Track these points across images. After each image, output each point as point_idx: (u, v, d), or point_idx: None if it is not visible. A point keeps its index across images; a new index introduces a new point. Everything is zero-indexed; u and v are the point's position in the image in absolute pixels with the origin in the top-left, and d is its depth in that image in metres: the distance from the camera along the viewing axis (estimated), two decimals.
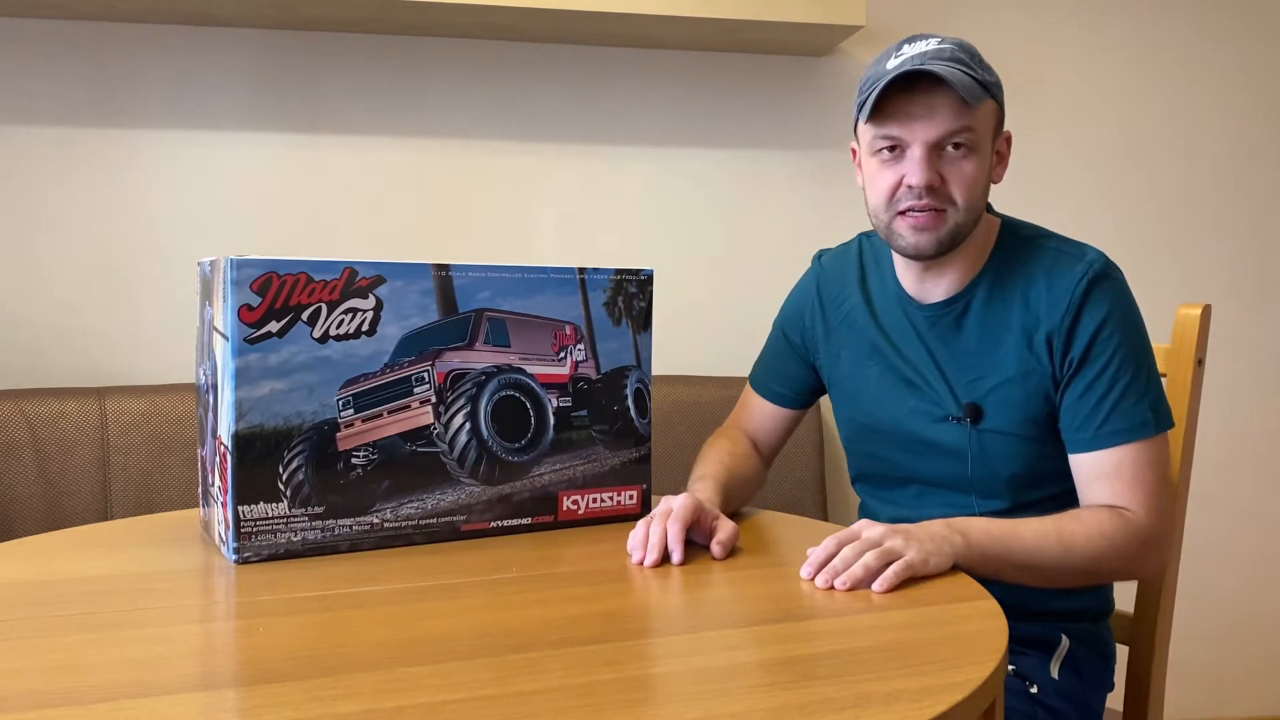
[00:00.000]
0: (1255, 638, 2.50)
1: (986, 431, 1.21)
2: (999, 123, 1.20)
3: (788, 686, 0.74)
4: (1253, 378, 2.47)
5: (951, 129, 1.13)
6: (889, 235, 1.20)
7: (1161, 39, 2.39)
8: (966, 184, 1.15)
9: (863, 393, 1.31)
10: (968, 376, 1.22)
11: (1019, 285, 1.20)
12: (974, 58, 1.16)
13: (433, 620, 0.88)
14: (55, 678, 0.74)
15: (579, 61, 2.14)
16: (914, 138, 1.13)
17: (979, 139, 1.15)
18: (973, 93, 1.11)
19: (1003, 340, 1.20)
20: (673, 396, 2.03)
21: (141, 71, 1.98)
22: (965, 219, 1.16)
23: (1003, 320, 1.21)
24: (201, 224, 2.02)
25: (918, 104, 1.13)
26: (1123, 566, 1.15)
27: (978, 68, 1.15)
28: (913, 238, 1.16)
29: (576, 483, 1.21)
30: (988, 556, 1.07)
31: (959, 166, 1.14)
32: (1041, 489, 1.23)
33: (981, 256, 1.23)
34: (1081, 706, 1.24)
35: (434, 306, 1.11)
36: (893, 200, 1.17)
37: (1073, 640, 1.25)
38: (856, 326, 1.32)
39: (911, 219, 1.16)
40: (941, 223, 1.15)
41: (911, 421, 1.26)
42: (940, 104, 1.12)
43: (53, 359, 1.97)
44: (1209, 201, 2.43)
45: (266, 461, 1.04)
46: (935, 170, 1.14)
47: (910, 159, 1.14)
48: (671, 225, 2.19)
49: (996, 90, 1.17)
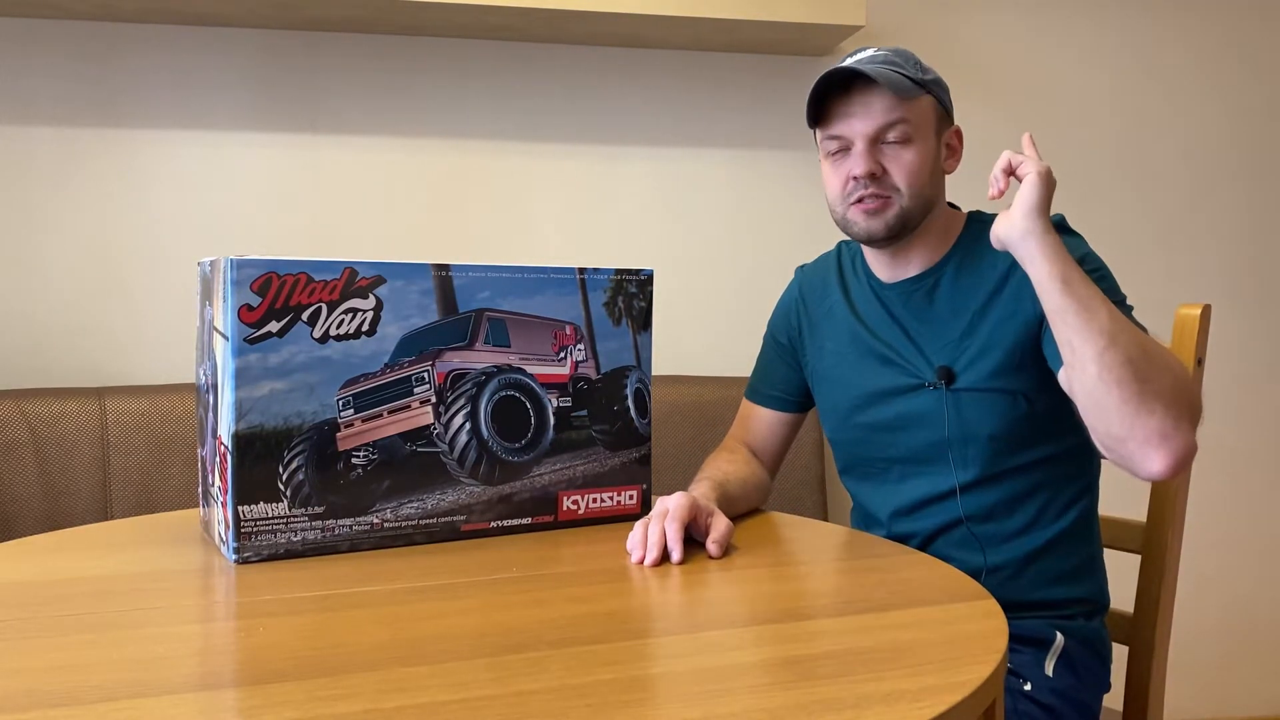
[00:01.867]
0: (1255, 638, 2.50)
1: (961, 391, 1.25)
2: (941, 118, 1.28)
3: (788, 686, 0.74)
4: (1253, 378, 2.47)
5: (886, 121, 1.23)
6: (845, 226, 1.29)
7: (1160, 38, 2.39)
8: (907, 171, 1.24)
9: (842, 377, 1.35)
10: (940, 341, 1.27)
11: (986, 254, 1.27)
12: (909, 61, 1.26)
13: (433, 620, 0.88)
14: (55, 678, 0.74)
15: (578, 61, 2.14)
16: (854, 133, 1.24)
17: (915, 130, 1.24)
18: (902, 88, 1.21)
19: (976, 299, 1.26)
20: (673, 396, 2.03)
21: (141, 71, 1.98)
22: (911, 204, 1.25)
23: (975, 284, 1.27)
24: (201, 224, 2.02)
25: (854, 103, 1.23)
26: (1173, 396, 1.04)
27: (911, 69, 1.25)
28: (864, 223, 1.26)
29: (576, 483, 1.21)
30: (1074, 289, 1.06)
31: (898, 155, 1.24)
32: (1022, 454, 1.25)
33: (948, 240, 1.31)
34: (1077, 705, 1.24)
35: (434, 306, 1.11)
36: (844, 193, 1.27)
37: (1068, 638, 1.25)
38: (836, 319, 1.38)
39: (861, 206, 1.25)
40: (888, 207, 1.24)
41: (888, 395, 1.30)
42: (874, 101, 1.22)
43: (53, 359, 1.97)
44: (1208, 201, 2.43)
45: (266, 461, 1.04)
46: (876, 160, 1.24)
47: (854, 154, 1.24)
48: (671, 225, 2.19)
49: (934, 87, 1.27)
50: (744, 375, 2.14)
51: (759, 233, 2.22)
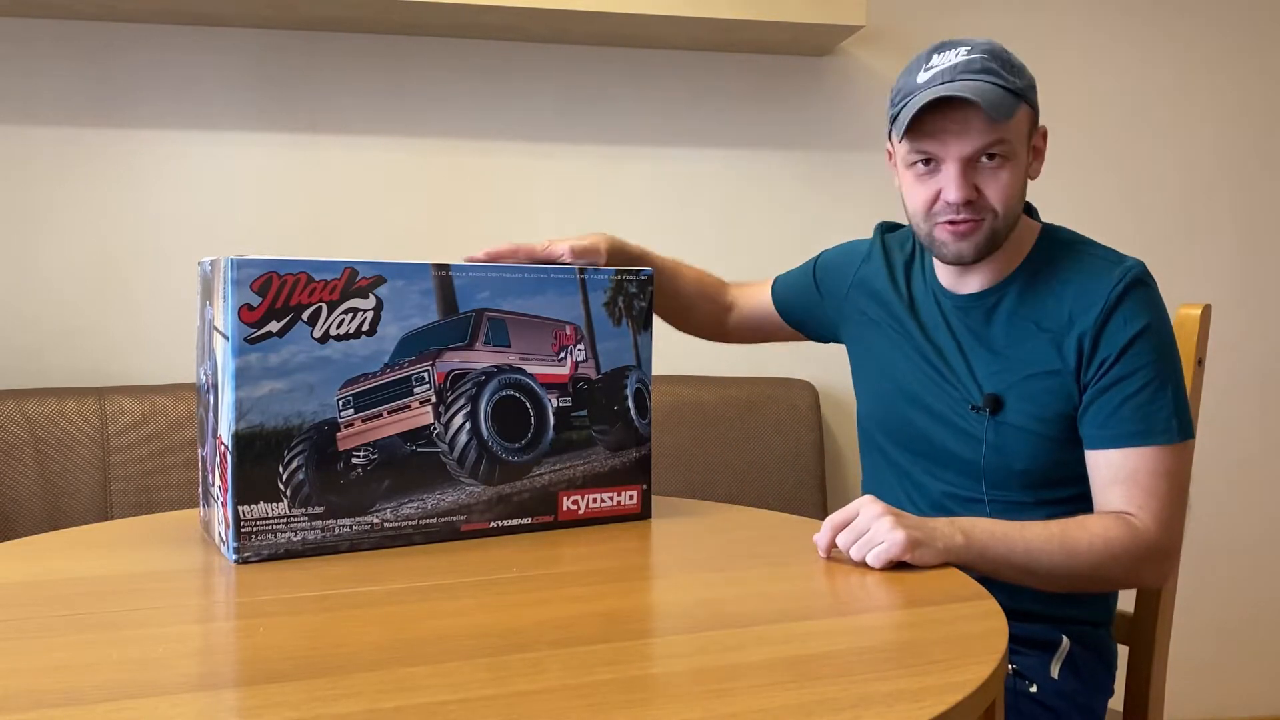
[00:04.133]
0: (1255, 638, 2.50)
1: (1004, 424, 1.21)
2: (1033, 124, 1.21)
3: (788, 686, 0.74)
4: (1253, 378, 2.47)
5: (985, 143, 1.14)
6: (930, 243, 1.22)
7: (1161, 39, 2.39)
8: (1003, 193, 1.17)
9: (892, 365, 1.33)
10: (992, 368, 1.23)
11: (1053, 286, 1.21)
12: (1005, 64, 1.16)
13: (432, 620, 0.88)
14: (55, 678, 0.74)
15: (578, 61, 2.14)
16: (948, 154, 1.15)
17: (1013, 148, 1.16)
18: (1003, 107, 1.12)
19: (1031, 336, 1.21)
20: (673, 396, 2.03)
21: (141, 71, 1.98)
22: (1003, 224, 1.19)
23: (1033, 317, 1.22)
24: (201, 224, 2.02)
25: (951, 120, 1.14)
26: (1124, 576, 1.15)
27: (1009, 74, 1.16)
28: (954, 245, 1.19)
29: (576, 483, 1.21)
30: (987, 556, 1.08)
31: (995, 177, 1.16)
32: (1053, 490, 1.23)
33: (1017, 256, 1.25)
34: (1082, 708, 1.24)
35: (434, 306, 1.11)
36: (930, 212, 1.19)
37: (1074, 642, 1.25)
38: (895, 307, 1.34)
39: (951, 229, 1.18)
40: (979, 229, 1.18)
41: (932, 404, 1.27)
42: (973, 118, 1.13)
43: (53, 359, 1.97)
44: (1208, 202, 2.43)
45: (266, 461, 1.04)
46: (971, 184, 1.16)
47: (946, 175, 1.16)
48: (671, 225, 2.19)
49: (1029, 93, 1.18)
50: (744, 375, 2.15)
51: (759, 233, 2.22)
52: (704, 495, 2.01)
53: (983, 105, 1.11)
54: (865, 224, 1.54)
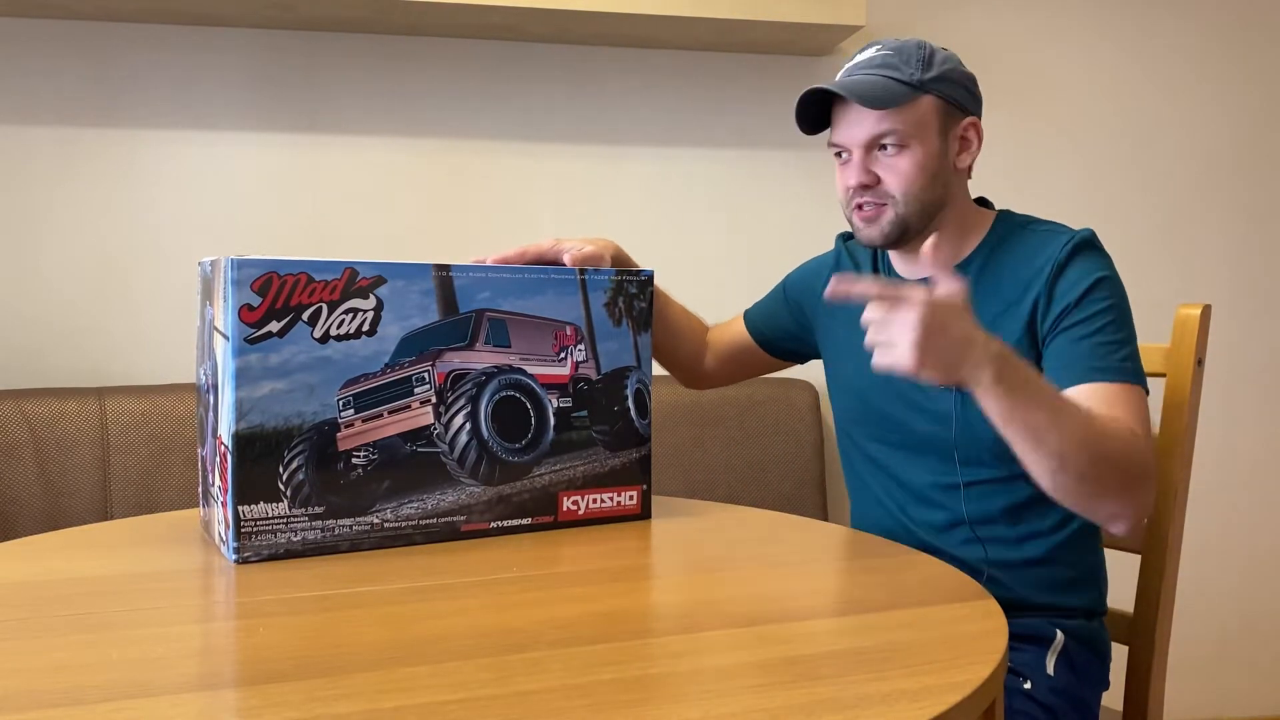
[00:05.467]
0: (1255, 638, 2.50)
1: (970, 394, 1.21)
2: (947, 115, 1.25)
3: (788, 686, 0.74)
4: (1253, 378, 2.47)
5: (876, 132, 1.23)
6: (852, 229, 1.31)
7: (1161, 38, 2.39)
8: (901, 178, 1.24)
9: (861, 353, 1.32)
10: None
11: (1009, 262, 1.27)
12: (908, 59, 1.24)
13: (433, 620, 0.88)
14: (55, 678, 0.74)
15: (578, 61, 2.14)
16: (850, 142, 1.26)
17: (911, 135, 1.23)
18: (886, 99, 1.21)
19: (990, 307, 1.25)
20: (673, 396, 2.03)
21: (141, 71, 1.98)
22: (907, 209, 1.25)
23: (992, 291, 1.26)
24: (201, 224, 2.02)
25: (849, 112, 1.25)
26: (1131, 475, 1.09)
27: (910, 68, 1.23)
28: (865, 230, 1.28)
29: (576, 483, 1.21)
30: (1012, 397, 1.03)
31: (892, 164, 1.24)
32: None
33: (971, 240, 1.30)
34: (1078, 704, 1.24)
35: (434, 307, 1.11)
36: (848, 198, 1.29)
37: (1068, 636, 1.25)
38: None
39: (859, 214, 1.27)
40: (882, 214, 1.25)
41: (900, 384, 1.29)
42: (864, 111, 1.23)
43: (53, 359, 1.97)
44: (1209, 201, 2.43)
45: (266, 461, 1.04)
46: (868, 170, 1.25)
47: (850, 163, 1.26)
48: (671, 225, 2.19)
49: (936, 85, 1.24)
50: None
51: (759, 233, 2.22)
52: (704, 495, 2.01)
53: (855, 99, 1.21)
54: None
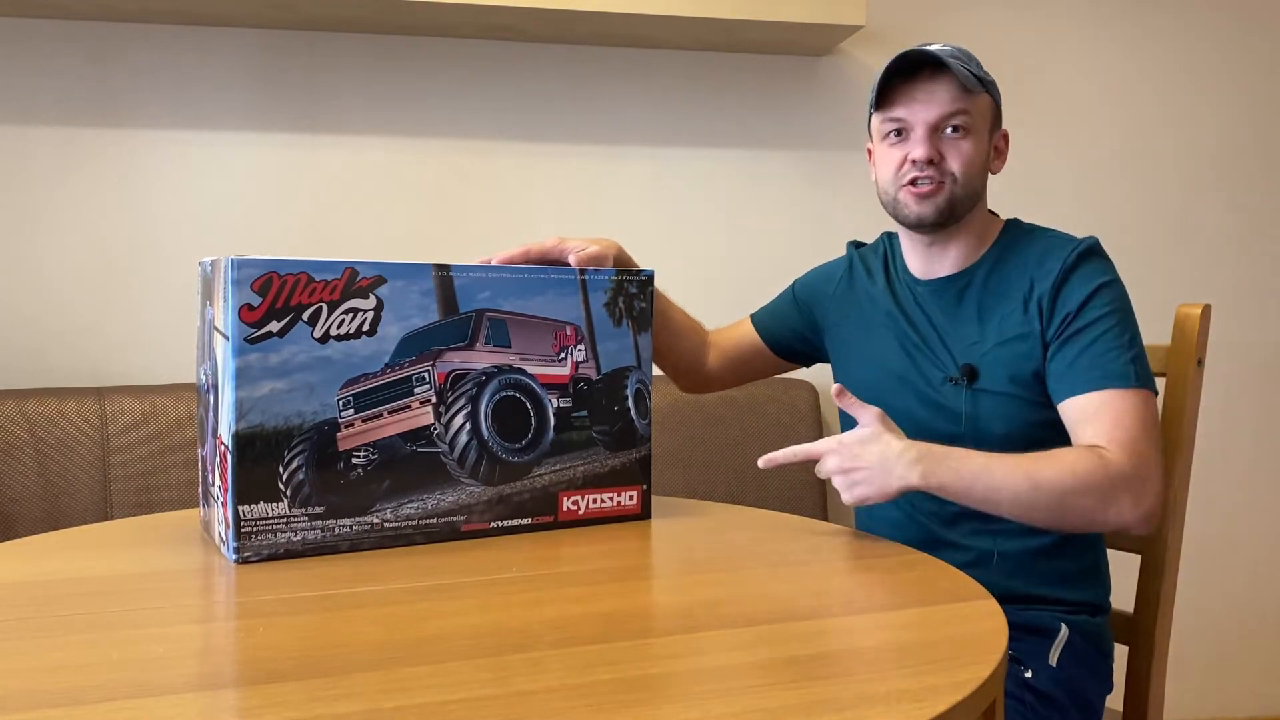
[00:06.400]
0: (1255, 638, 2.50)
1: (980, 392, 1.28)
2: (995, 119, 1.33)
3: (788, 686, 0.74)
4: (1253, 378, 2.47)
5: (949, 111, 1.26)
6: (895, 208, 1.32)
7: (1160, 38, 2.39)
8: (963, 161, 1.27)
9: (875, 355, 1.39)
10: (966, 341, 1.31)
11: (1018, 264, 1.30)
12: (971, 59, 1.30)
13: (433, 620, 0.88)
14: (55, 678, 0.74)
15: (579, 61, 2.14)
16: (916, 119, 1.27)
17: (974, 124, 1.28)
18: (969, 81, 1.25)
19: (1000, 306, 1.29)
20: (673, 397, 2.03)
21: (141, 71, 1.98)
22: (962, 193, 1.28)
23: (1002, 292, 1.30)
24: (201, 224, 2.02)
25: (919, 89, 1.27)
26: (1095, 505, 1.14)
27: (974, 66, 1.29)
28: (916, 206, 1.29)
29: (577, 483, 1.21)
30: (947, 490, 1.14)
31: (957, 145, 1.28)
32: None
33: (984, 243, 1.35)
34: (1080, 700, 1.24)
35: (434, 307, 1.11)
36: (898, 174, 1.30)
37: (1073, 631, 1.25)
38: (878, 301, 1.42)
39: (914, 189, 1.28)
40: (940, 191, 1.28)
41: (914, 381, 1.33)
42: (939, 89, 1.26)
43: (53, 359, 1.97)
44: (1208, 201, 2.43)
45: (267, 461, 1.04)
46: (935, 147, 1.27)
47: (914, 139, 1.28)
48: (671, 225, 2.19)
49: (992, 88, 1.31)
50: None
51: (759, 233, 2.22)
52: (704, 495, 2.01)
53: (951, 66, 1.24)
54: (864, 224, 1.55)
